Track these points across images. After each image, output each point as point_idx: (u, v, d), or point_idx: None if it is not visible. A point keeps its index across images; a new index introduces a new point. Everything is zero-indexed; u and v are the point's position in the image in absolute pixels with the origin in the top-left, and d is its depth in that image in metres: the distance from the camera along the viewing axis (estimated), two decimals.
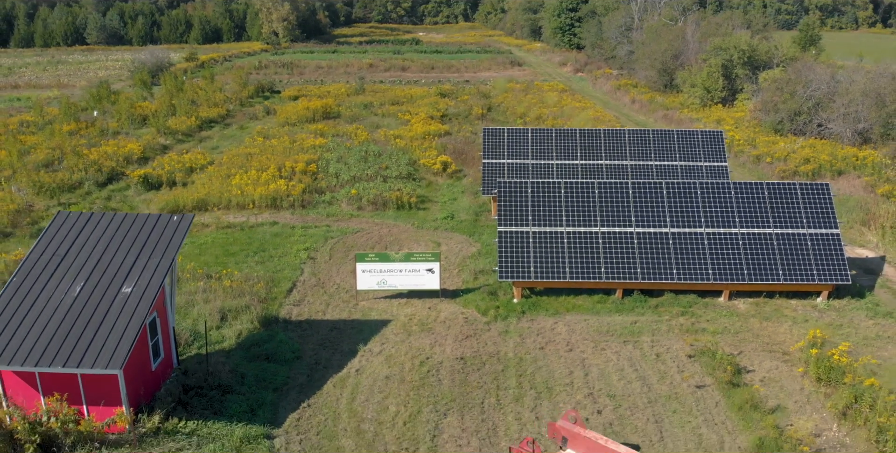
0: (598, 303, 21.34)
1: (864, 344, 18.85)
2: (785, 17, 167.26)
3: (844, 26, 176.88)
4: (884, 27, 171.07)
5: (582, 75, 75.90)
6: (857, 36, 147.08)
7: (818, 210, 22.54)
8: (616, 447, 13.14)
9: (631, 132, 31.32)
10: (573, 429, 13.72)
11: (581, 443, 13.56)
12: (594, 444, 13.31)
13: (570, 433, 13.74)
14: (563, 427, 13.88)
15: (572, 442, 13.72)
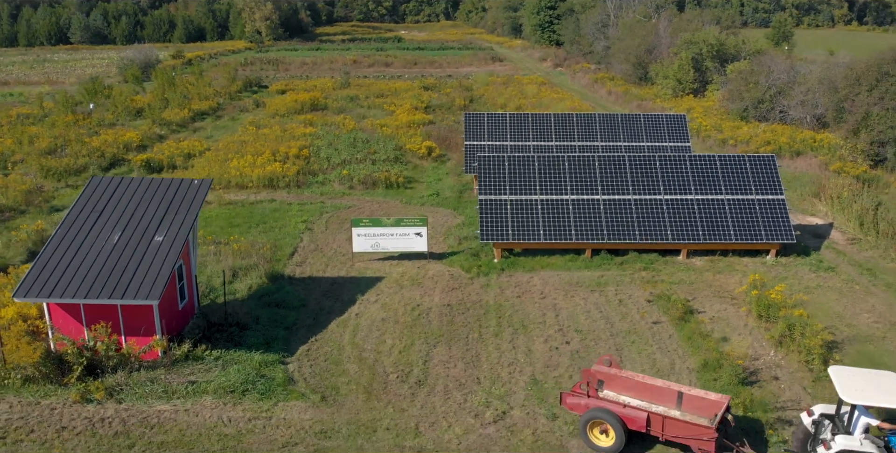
0: (569, 262, 23.81)
1: (804, 291, 21.41)
2: (762, 15, 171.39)
3: (821, 24, 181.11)
4: (859, 24, 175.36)
5: (561, 70, 78.59)
6: (832, 33, 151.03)
7: (765, 178, 25.20)
8: (652, 381, 14.77)
9: (601, 116, 33.88)
10: (609, 371, 15.02)
11: (618, 383, 14.90)
12: (631, 382, 14.76)
13: (607, 375, 14.99)
14: (599, 370, 15.01)
15: (609, 383, 14.96)
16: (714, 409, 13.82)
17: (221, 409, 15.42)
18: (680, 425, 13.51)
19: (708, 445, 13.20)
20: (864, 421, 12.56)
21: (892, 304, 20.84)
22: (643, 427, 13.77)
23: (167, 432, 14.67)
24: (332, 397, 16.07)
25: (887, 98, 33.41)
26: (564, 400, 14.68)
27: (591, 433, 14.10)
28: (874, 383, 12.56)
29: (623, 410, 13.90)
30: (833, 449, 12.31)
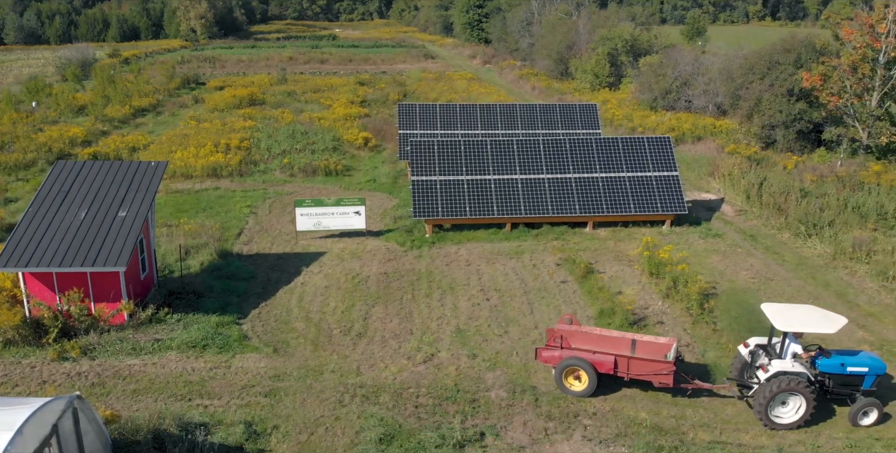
0: (491, 235, 26.71)
1: (693, 254, 24.84)
2: (680, 12, 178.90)
3: (736, 20, 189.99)
4: (773, 20, 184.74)
5: (489, 67, 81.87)
6: (747, 29, 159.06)
7: (661, 157, 28.65)
8: (609, 333, 17.09)
9: (522, 106, 36.97)
10: (570, 328, 16.81)
11: (579, 338, 16.68)
12: (591, 335, 16.63)
13: (569, 331, 16.72)
14: (561, 329, 16.76)
15: (571, 339, 16.60)
16: (664, 350, 16.18)
17: (185, 361, 17.64)
18: (643, 364, 15.75)
19: (667, 378, 15.60)
20: (794, 347, 15.39)
21: (768, 264, 24.42)
22: (611, 369, 15.90)
23: (138, 381, 16.81)
24: (283, 349, 18.48)
25: (776, 85, 37.46)
26: (540, 354, 16.60)
27: (565, 381, 16.10)
28: (800, 314, 15.34)
29: (593, 356, 15.99)
30: (770, 371, 15.02)
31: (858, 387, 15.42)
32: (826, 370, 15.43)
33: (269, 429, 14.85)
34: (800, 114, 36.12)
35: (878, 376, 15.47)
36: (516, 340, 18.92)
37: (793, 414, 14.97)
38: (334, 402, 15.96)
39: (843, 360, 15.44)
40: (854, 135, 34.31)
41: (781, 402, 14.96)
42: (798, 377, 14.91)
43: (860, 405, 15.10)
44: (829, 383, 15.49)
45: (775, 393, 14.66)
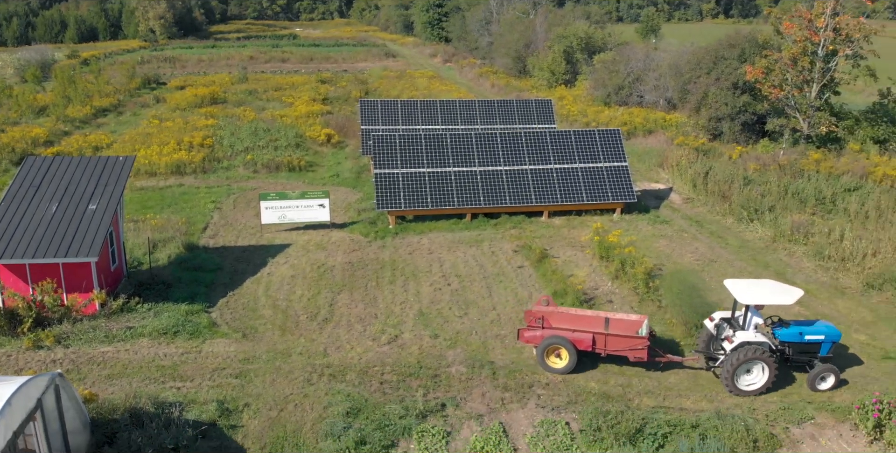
0: (452, 225, 27.73)
1: (641, 239, 26.18)
2: (636, 11, 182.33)
3: (690, 18, 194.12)
4: (725, 18, 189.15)
5: (450, 65, 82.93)
6: (701, 26, 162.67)
7: (611, 149, 29.99)
8: (583, 312, 17.67)
9: (481, 102, 38.10)
10: (547, 309, 17.58)
11: (556, 318, 17.41)
12: (567, 315, 17.36)
13: (547, 312, 17.51)
14: (540, 310, 17.52)
15: (550, 319, 17.36)
16: (636, 327, 17.12)
17: (157, 347, 18.32)
18: (619, 340, 16.76)
19: (642, 352, 16.68)
20: (755, 320, 16.67)
21: (712, 247, 25.88)
22: (589, 346, 16.84)
23: (112, 367, 17.44)
24: (252, 334, 19.25)
25: (722, 79, 39.21)
26: (522, 335, 17.41)
27: (547, 359, 17.04)
28: (761, 288, 16.61)
29: (573, 334, 16.92)
30: (735, 342, 16.25)
31: (816, 354, 16.76)
32: (785, 339, 16.78)
33: (240, 407, 15.65)
34: (744, 107, 37.89)
35: (834, 343, 16.85)
36: (475, 321, 19.98)
37: (757, 381, 16.29)
38: (302, 381, 16.81)
39: (801, 329, 16.80)
40: (795, 125, 36.15)
41: (746, 371, 16.27)
42: (760, 346, 16.19)
43: (818, 371, 16.41)
44: (789, 351, 16.82)
45: (740, 361, 15.94)
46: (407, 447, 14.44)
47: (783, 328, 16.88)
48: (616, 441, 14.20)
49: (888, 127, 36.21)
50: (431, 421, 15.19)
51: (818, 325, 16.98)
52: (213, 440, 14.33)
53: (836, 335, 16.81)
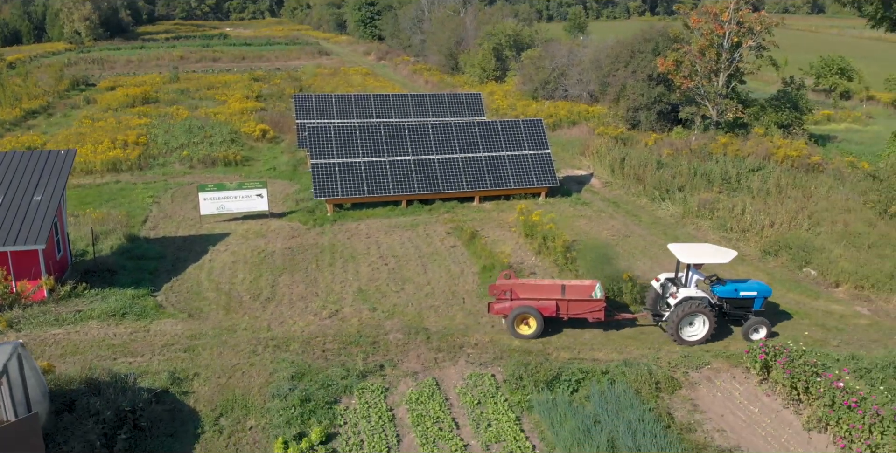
0: (389, 211, 29.13)
1: (563, 219, 28.11)
2: (565, 9, 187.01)
3: (618, 16, 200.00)
4: (652, 15, 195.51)
5: (384, 62, 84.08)
6: (628, 24, 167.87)
7: (535, 138, 31.90)
8: (541, 282, 19.56)
9: (413, 96, 39.55)
10: (509, 282, 19.35)
11: (521, 289, 19.15)
12: (527, 285, 19.28)
13: (510, 285, 19.19)
14: (503, 283, 19.25)
15: (515, 291, 19.06)
16: (588, 291, 19.01)
17: (106, 328, 19.14)
18: (579, 304, 18.41)
19: (600, 314, 18.37)
20: (696, 277, 18.66)
21: (627, 224, 28.02)
22: (554, 312, 18.37)
23: (64, 347, 18.18)
24: (197, 314, 20.23)
25: (638, 71, 41.71)
26: (492, 307, 18.78)
27: (517, 327, 18.43)
28: (699, 250, 18.74)
29: (538, 303, 18.41)
30: (679, 297, 18.24)
31: (750, 309, 18.87)
32: (723, 295, 18.85)
33: (190, 376, 16.70)
34: (659, 97, 40.48)
35: (766, 298, 19.00)
36: (411, 295, 21.46)
37: (699, 333, 18.32)
38: (248, 352, 17.95)
39: (736, 286, 18.92)
40: (705, 112, 38.89)
41: (689, 323, 18.31)
42: (701, 301, 18.24)
43: (751, 323, 18.50)
44: (726, 306, 18.89)
45: (683, 314, 17.98)
46: (349, 402, 15.80)
47: (720, 285, 18.98)
48: (535, 387, 15.90)
49: (791, 112, 39.33)
50: (371, 381, 16.60)
51: (751, 283, 19.17)
52: (167, 403, 15.38)
53: (767, 291, 19.01)
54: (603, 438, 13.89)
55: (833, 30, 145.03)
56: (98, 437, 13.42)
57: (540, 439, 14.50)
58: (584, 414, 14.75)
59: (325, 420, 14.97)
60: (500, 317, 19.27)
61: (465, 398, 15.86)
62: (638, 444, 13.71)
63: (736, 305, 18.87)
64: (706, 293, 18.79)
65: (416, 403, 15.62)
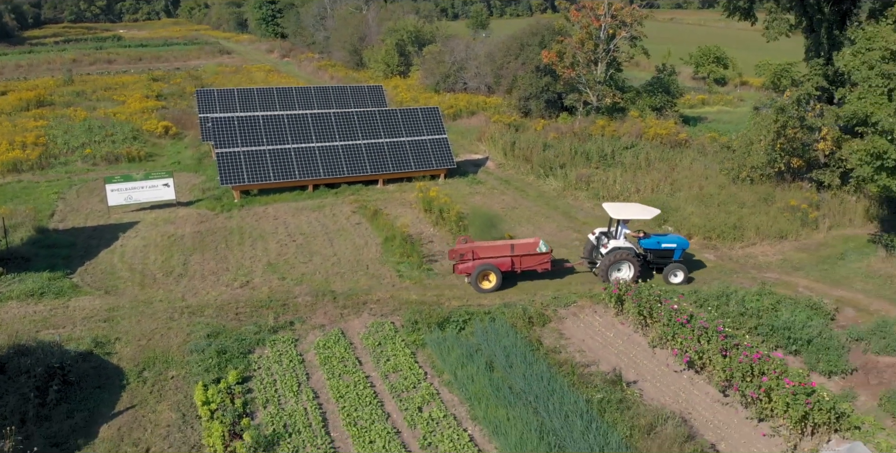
0: (296, 196, 30.78)
1: (460, 196, 30.54)
2: (469, 7, 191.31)
3: (521, 14, 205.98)
4: (553, 12, 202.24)
5: (288, 60, 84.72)
6: (530, 21, 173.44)
7: (433, 124, 34.25)
8: (493, 243, 22.06)
9: (317, 89, 41.18)
10: (468, 245, 21.64)
11: (480, 251, 21.55)
12: (482, 247, 21.71)
13: (469, 248, 21.50)
14: (461, 247, 21.51)
15: (476, 252, 21.44)
16: (534, 246, 21.67)
17: (26, 307, 20.11)
18: (531, 258, 21.23)
19: (547, 265, 21.23)
20: (623, 231, 21.38)
21: (516, 198, 30.73)
22: (510, 267, 21.10)
23: None
24: (114, 291, 21.44)
25: (527, 63, 44.71)
26: (456, 267, 21.30)
27: (480, 283, 20.94)
28: (628, 208, 21.51)
29: (497, 260, 21.11)
30: (608, 247, 21.02)
31: (670, 258, 21.79)
32: (647, 246, 21.83)
33: (112, 340, 18.06)
34: (546, 87, 43.60)
35: (684, 250, 21.94)
36: (319, 265, 23.32)
37: (625, 276, 21.15)
38: (165, 319, 19.41)
39: (658, 239, 21.88)
40: (587, 99, 42.31)
41: (617, 269, 21.18)
42: (627, 250, 21.14)
43: (669, 268, 21.45)
44: (650, 256, 21.82)
45: (612, 261, 20.90)
46: (262, 352, 17.60)
47: (645, 238, 21.91)
48: (428, 328, 18.17)
49: (663, 96, 43.27)
50: (282, 334, 18.44)
51: (671, 236, 22.17)
52: (93, 362, 16.75)
53: (685, 244, 21.98)
54: (482, 361, 16.29)
55: (721, 23, 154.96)
56: (31, 390, 14.71)
57: (431, 367, 16.79)
58: (469, 345, 17.12)
59: (241, 366, 16.74)
60: (463, 275, 21.82)
61: (367, 341, 17.94)
62: (510, 363, 16.17)
63: (658, 255, 21.86)
64: (633, 244, 21.68)
65: (323, 348, 17.59)
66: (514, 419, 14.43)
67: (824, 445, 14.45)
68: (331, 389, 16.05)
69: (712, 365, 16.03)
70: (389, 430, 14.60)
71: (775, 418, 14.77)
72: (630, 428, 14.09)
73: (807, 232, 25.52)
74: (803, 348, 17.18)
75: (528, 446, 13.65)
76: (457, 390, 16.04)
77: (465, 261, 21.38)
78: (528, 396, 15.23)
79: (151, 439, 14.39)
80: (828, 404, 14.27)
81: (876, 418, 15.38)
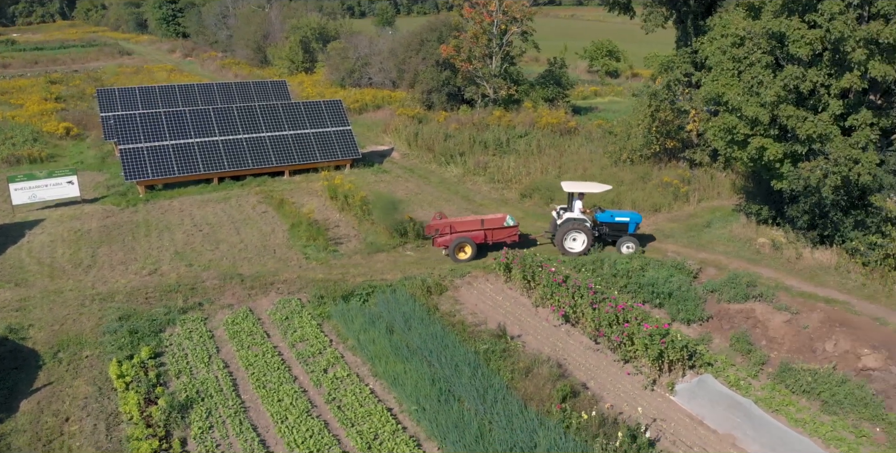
0: (201, 189, 31.42)
1: (366, 184, 31.91)
2: (376, 5, 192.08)
3: (428, 12, 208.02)
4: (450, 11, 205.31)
5: (191, 59, 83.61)
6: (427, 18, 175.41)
7: (336, 116, 35.49)
8: (465, 218, 24.05)
9: (219, 85, 41.64)
10: (444, 221, 23.44)
11: (455, 226, 23.20)
12: (458, 222, 23.45)
13: (445, 223, 23.25)
14: (437, 222, 23.33)
15: (452, 226, 23.11)
16: (502, 220, 23.41)
17: None
18: (502, 231, 23.01)
19: (515, 237, 23.07)
20: (578, 204, 23.03)
21: (419, 185, 32.37)
22: (483, 239, 22.84)
23: None
24: (24, 283, 21.77)
25: (428, 58, 46.43)
26: (435, 240, 23.04)
27: (457, 254, 22.63)
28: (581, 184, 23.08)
29: (472, 234, 22.83)
30: (563, 218, 22.76)
31: (625, 232, 23.51)
32: (602, 220, 23.61)
33: (26, 327, 18.59)
34: (447, 80, 45.47)
35: (637, 224, 23.63)
36: (226, 251, 24.27)
37: (578, 246, 22.92)
38: (77, 306, 20.02)
39: (613, 214, 23.66)
40: (484, 91, 44.42)
41: (572, 239, 22.96)
42: (580, 222, 22.93)
43: (622, 240, 23.13)
44: (606, 229, 23.57)
45: (565, 231, 22.74)
46: (173, 331, 18.56)
47: (601, 213, 23.74)
48: (334, 302, 19.57)
49: (555, 88, 45.89)
50: (191, 314, 19.43)
51: (626, 212, 24.00)
52: (8, 346, 17.31)
53: (639, 218, 23.78)
54: (383, 326, 17.85)
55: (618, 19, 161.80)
56: None
57: (336, 335, 18.22)
58: (371, 314, 18.65)
59: (153, 343, 17.68)
60: (441, 248, 23.45)
61: (274, 317, 19.19)
62: (409, 326, 17.80)
63: (613, 228, 23.64)
64: (588, 217, 23.48)
65: (232, 324, 18.73)
66: (410, 372, 16.04)
67: (680, 379, 16.74)
68: (240, 359, 17.24)
69: (584, 318, 18.13)
70: (297, 390, 15.95)
71: (637, 359, 16.97)
72: (511, 371, 15.96)
73: (678, 204, 28.26)
74: (666, 301, 19.53)
75: (422, 392, 15.29)
76: (360, 352, 17.53)
77: (444, 235, 23.14)
78: (423, 352, 16.88)
79: (70, 409, 15.23)
80: (680, 343, 16.55)
81: (727, 356, 17.84)
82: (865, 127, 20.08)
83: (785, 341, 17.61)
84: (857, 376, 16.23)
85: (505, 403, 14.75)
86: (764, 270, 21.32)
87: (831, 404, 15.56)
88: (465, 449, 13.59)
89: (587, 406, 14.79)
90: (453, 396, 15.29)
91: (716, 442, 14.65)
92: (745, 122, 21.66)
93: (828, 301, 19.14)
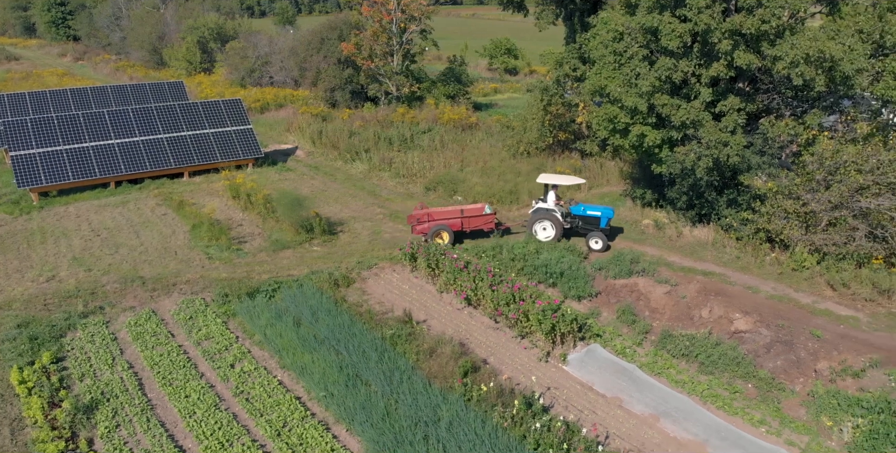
0: (98, 194, 30.64)
1: (269, 183, 31.89)
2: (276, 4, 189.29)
3: (330, 10, 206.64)
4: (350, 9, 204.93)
5: (83, 63, 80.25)
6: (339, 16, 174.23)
7: (236, 115, 35.25)
8: (445, 208, 24.64)
9: (113, 87, 40.49)
10: (424, 211, 24.00)
11: (434, 215, 23.82)
12: (438, 211, 24.02)
13: (426, 212, 23.83)
14: (419, 212, 23.71)
15: (432, 216, 23.70)
16: (481, 209, 24.15)
17: None
18: (478, 219, 23.95)
19: (491, 225, 24.02)
20: (552, 195, 23.47)
21: (325, 182, 32.65)
22: (460, 227, 23.67)
23: None
24: None
25: (329, 56, 46.58)
26: (414, 229, 23.82)
27: (434, 240, 23.09)
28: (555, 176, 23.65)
29: (450, 222, 23.72)
30: (534, 207, 23.53)
31: (596, 226, 23.80)
32: (575, 212, 24.04)
33: None
34: (349, 78, 45.79)
35: (609, 218, 23.89)
36: (126, 255, 23.91)
37: (548, 234, 23.38)
38: None
39: (585, 207, 24.07)
40: (387, 89, 45.00)
41: (542, 227, 23.50)
42: (551, 211, 23.49)
43: (590, 235, 23.32)
44: (578, 222, 23.99)
45: (535, 219, 23.43)
46: (74, 335, 18.30)
47: (574, 206, 24.23)
48: (239, 299, 19.75)
49: (456, 85, 46.98)
50: (92, 318, 19.17)
51: (598, 207, 24.37)
52: None
53: (610, 213, 24.08)
54: (290, 319, 18.21)
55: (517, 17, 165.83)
56: None
57: (242, 331, 18.45)
58: (278, 308, 18.96)
59: (54, 348, 17.41)
60: (420, 235, 24.11)
61: (178, 317, 19.20)
62: (316, 318, 18.24)
63: (585, 222, 24.07)
64: (561, 209, 23.94)
65: (135, 326, 18.63)
66: (317, 361, 16.51)
67: (571, 350, 17.91)
68: (145, 359, 17.23)
69: (485, 299, 19.07)
70: (204, 386, 16.13)
71: (533, 333, 18.04)
72: (416, 353, 16.69)
73: (571, 192, 29.75)
74: (558, 280, 20.74)
75: (330, 379, 15.80)
76: (267, 346, 17.84)
77: (422, 223, 23.92)
78: (331, 342, 17.37)
79: None
80: (570, 317, 17.72)
81: (614, 327, 19.18)
82: (733, 112, 21.89)
83: (666, 311, 19.10)
84: (730, 339, 17.83)
85: (410, 383, 15.45)
86: (648, 249, 22.91)
87: (707, 365, 17.06)
88: (373, 428, 14.20)
89: (487, 379, 15.68)
90: (361, 380, 15.87)
91: (604, 405, 15.85)
92: (626, 112, 23.18)
93: (705, 273, 20.82)
